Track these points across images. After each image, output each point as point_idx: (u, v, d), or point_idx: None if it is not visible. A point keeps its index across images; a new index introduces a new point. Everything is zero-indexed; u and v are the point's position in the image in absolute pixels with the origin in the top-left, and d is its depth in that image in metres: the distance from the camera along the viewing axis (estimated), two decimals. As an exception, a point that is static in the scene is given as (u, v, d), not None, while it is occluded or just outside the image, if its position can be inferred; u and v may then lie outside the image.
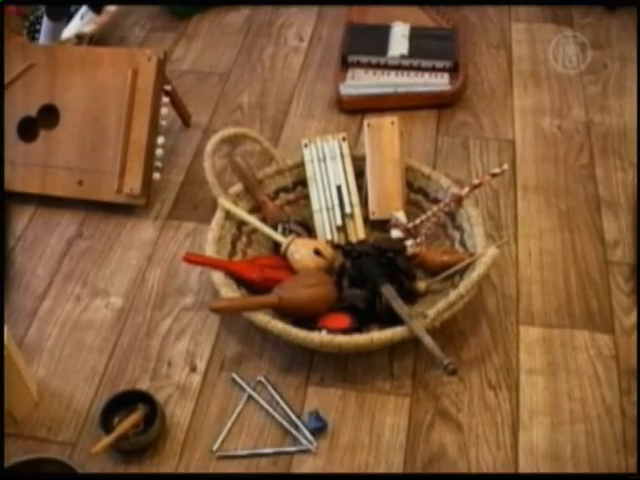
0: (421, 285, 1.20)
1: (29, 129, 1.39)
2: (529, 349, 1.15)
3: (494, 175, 1.26)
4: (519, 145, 1.48)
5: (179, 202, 1.41)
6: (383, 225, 1.29)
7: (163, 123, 1.38)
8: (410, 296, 1.18)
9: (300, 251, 1.22)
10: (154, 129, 1.36)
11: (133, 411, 1.07)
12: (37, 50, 1.41)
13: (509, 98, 1.57)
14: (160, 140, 1.37)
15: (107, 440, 1.02)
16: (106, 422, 1.05)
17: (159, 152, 1.37)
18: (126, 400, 1.08)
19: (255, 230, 1.28)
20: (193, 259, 1.19)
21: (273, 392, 1.11)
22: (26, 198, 1.38)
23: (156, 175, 1.37)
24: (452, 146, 1.49)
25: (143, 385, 1.13)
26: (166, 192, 1.43)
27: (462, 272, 1.18)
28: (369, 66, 1.58)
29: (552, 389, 1.11)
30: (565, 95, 1.55)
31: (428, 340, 1.06)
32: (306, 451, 1.05)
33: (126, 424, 1.04)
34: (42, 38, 1.58)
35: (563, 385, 1.11)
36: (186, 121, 1.54)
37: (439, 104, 1.56)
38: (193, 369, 1.15)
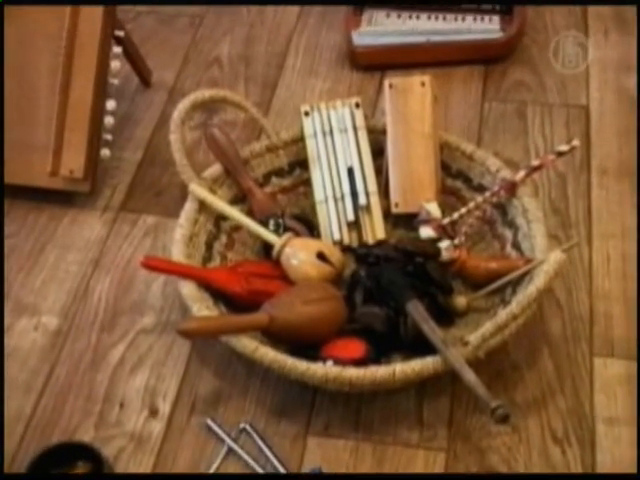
0: (460, 301, 1.22)
1: None
2: (607, 389, 1.17)
3: (560, 154, 1.28)
4: (595, 113, 1.50)
5: (136, 188, 1.43)
6: (409, 221, 1.30)
7: (114, 82, 1.39)
8: (445, 316, 1.19)
9: (298, 255, 1.24)
10: (101, 90, 1.38)
11: (71, 470, 1.08)
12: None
13: (582, 49, 1.58)
14: (110, 105, 1.39)
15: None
16: (35, 485, 1.06)
17: (109, 121, 1.39)
18: (61, 456, 1.08)
19: (239, 227, 1.30)
20: (155, 265, 1.20)
21: (261, 444, 1.13)
22: None
23: (105, 152, 1.39)
24: (503, 115, 1.51)
25: (85, 435, 1.14)
26: (119, 175, 1.44)
27: (516, 284, 1.19)
28: (392, 6, 1.60)
29: (640, 444, 1.12)
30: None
31: (469, 375, 1.07)
32: (305, 524, 1.07)
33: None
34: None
35: (654, 438, 1.12)
36: (145, 79, 1.56)
37: (486, 57, 1.57)
38: (154, 413, 1.16)
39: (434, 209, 1.28)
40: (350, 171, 1.32)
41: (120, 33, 1.42)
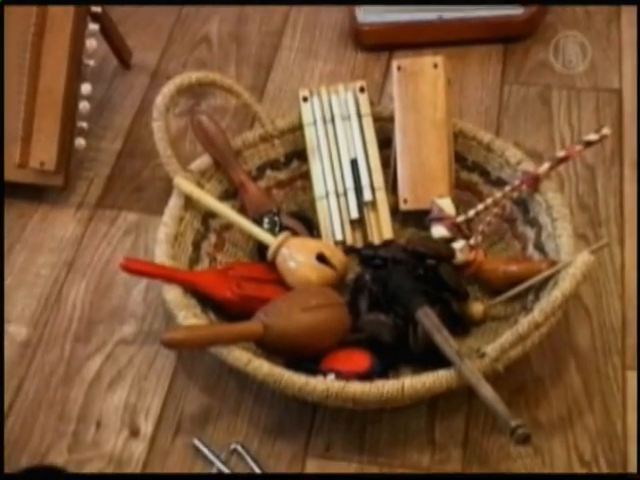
0: (477, 308, 1.22)
1: None
2: (641, 406, 1.17)
3: (589, 144, 1.28)
4: (628, 98, 1.50)
5: (115, 182, 1.43)
6: (420, 219, 1.31)
7: (90, 63, 1.39)
8: (460, 324, 1.19)
9: (296, 257, 1.24)
10: (75, 72, 1.38)
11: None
12: None
13: (614, 25, 1.59)
14: (85, 89, 1.39)
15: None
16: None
17: (84, 106, 1.39)
18: (32, 480, 1.09)
19: (229, 225, 1.30)
20: (136, 267, 1.20)
21: (254, 466, 1.12)
22: None
23: (80, 141, 1.39)
24: (525, 100, 1.51)
25: (58, 458, 1.14)
26: (95, 167, 1.45)
27: (538, 290, 1.19)
28: (401, -22, 1.60)
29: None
30: None
31: (487, 391, 1.07)
32: None
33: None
34: None
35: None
36: (125, 60, 1.57)
37: (506, 36, 1.58)
38: (135, 433, 1.17)
39: (447, 205, 1.28)
40: (354, 163, 1.33)
41: (97, 9, 1.42)
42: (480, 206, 1.28)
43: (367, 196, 1.31)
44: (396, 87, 1.33)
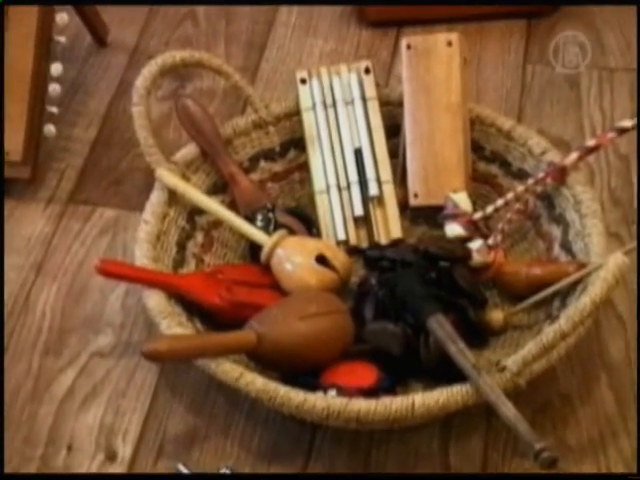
0: (496, 316, 1.22)
1: None
2: (682, 427, 1.17)
3: (623, 131, 1.27)
4: (666, 80, 1.50)
5: (89, 175, 1.43)
6: (432, 216, 1.31)
7: (60, 40, 1.39)
8: (477, 334, 1.20)
9: (293, 258, 1.24)
10: (44, 50, 1.38)
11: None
12: None
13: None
14: (56, 69, 1.39)
15: None
16: None
17: (54, 90, 1.39)
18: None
19: (218, 223, 1.30)
20: (113, 270, 1.20)
21: (246, 496, 1.13)
22: None
23: (49, 128, 1.39)
24: (551, 82, 1.51)
25: (25, 483, 1.15)
26: (67, 157, 1.45)
27: (565, 295, 1.19)
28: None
29: None
30: None
31: (508, 409, 1.06)
32: None
33: None
34: None
35: None
36: (100, 37, 1.56)
37: (529, 9, 1.58)
38: (111, 457, 1.16)
39: (463, 201, 1.28)
40: (358, 153, 1.33)
41: (69, -22, 1.43)
42: (500, 201, 1.28)
43: (373, 190, 1.31)
44: (405, 68, 1.33)
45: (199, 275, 1.25)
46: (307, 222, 1.32)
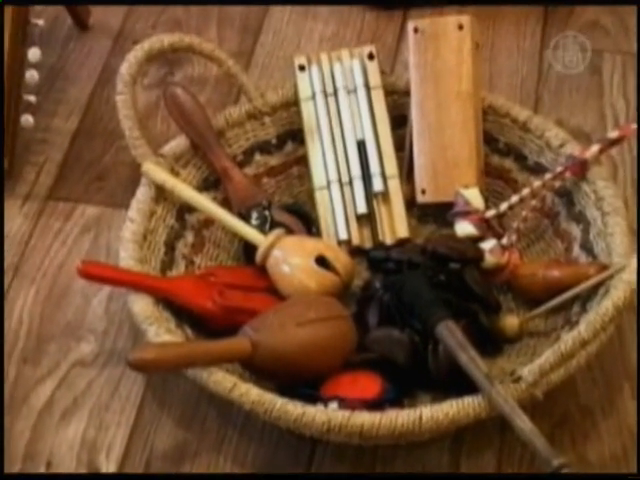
0: (511, 322, 1.22)
1: None
2: None
3: (647, 122, 1.28)
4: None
5: (70, 169, 1.43)
6: (442, 214, 1.31)
7: (38, 23, 1.39)
8: (491, 342, 1.20)
9: (291, 260, 1.24)
10: (20, 34, 1.37)
11: None
12: None
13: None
14: (33, 54, 1.38)
15: None
16: None
17: (32, 76, 1.38)
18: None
19: (210, 221, 1.30)
20: (96, 273, 1.20)
21: (240, 516, 1.14)
22: None
23: (27, 118, 1.39)
24: (570, 69, 1.52)
25: (1, 503, 1.15)
26: (46, 150, 1.45)
27: (586, 299, 1.19)
28: None
29: None
30: None
31: (523, 423, 1.06)
32: None
33: None
34: None
35: None
36: (82, 20, 1.56)
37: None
38: (94, 474, 1.16)
39: (475, 197, 1.28)
40: (361, 146, 1.33)
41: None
42: (514, 198, 1.28)
43: (377, 186, 1.32)
44: (412, 53, 1.33)
45: (189, 278, 1.25)
46: (306, 220, 1.32)
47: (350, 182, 1.32)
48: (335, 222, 1.31)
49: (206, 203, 1.28)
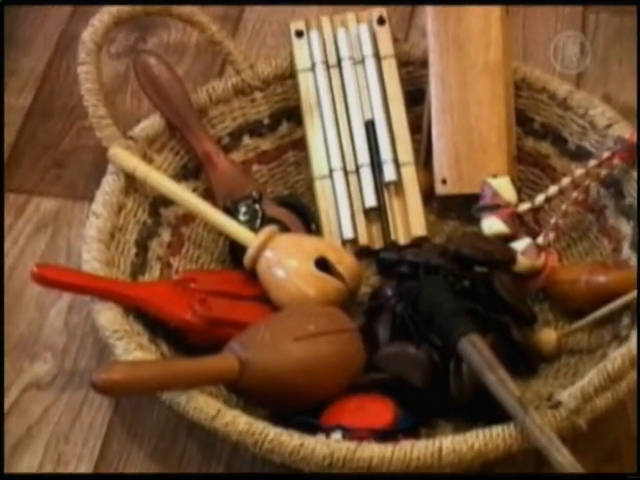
0: (548, 337, 1.22)
1: None
2: None
3: None
4: None
5: (23, 154, 1.44)
6: (466, 208, 1.31)
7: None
8: (524, 360, 1.19)
9: (287, 263, 1.24)
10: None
11: None
12: None
13: None
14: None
15: None
16: None
17: (-21, 46, 1.40)
18: None
19: (190, 217, 1.31)
20: (54, 277, 1.19)
21: None
22: None
23: (-27, 96, 1.40)
24: (618, 34, 1.53)
25: None
26: (-4, 133, 1.45)
27: (637, 310, 1.18)
28: None
29: None
30: None
31: (563, 456, 1.06)
32: None
33: None
34: None
35: None
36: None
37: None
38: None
39: (505, 188, 1.28)
40: (369, 127, 1.33)
41: None
42: (553, 189, 1.28)
43: (389, 175, 1.32)
44: (431, 18, 1.33)
45: (165, 284, 1.25)
46: (304, 216, 1.32)
47: (356, 170, 1.33)
48: (339, 218, 1.31)
49: (185, 195, 1.28)
